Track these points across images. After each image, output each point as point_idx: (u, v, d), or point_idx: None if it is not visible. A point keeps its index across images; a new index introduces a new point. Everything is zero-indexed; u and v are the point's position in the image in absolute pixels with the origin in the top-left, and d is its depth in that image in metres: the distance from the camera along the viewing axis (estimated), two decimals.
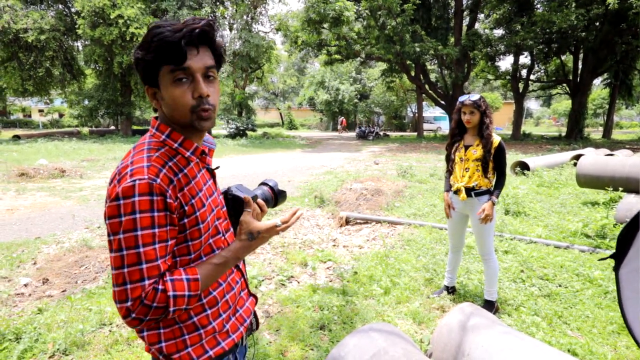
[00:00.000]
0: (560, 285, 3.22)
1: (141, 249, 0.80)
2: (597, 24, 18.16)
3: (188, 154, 0.92)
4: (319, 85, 35.79)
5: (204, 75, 0.88)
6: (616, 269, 1.26)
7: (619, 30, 17.74)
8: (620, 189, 5.06)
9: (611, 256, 1.27)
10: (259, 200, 1.08)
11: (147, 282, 0.80)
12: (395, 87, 30.15)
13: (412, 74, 22.65)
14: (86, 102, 22.54)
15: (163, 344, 0.92)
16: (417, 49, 18.36)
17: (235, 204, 1.05)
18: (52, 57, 19.55)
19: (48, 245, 4.26)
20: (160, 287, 0.81)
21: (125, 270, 0.80)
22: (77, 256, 3.80)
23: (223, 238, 1.01)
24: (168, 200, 0.83)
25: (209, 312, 0.96)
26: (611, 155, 8.53)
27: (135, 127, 25.01)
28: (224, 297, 1.00)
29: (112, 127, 27.38)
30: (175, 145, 0.90)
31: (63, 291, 3.16)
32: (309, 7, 18.39)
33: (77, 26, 17.72)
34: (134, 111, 23.55)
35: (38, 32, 17.73)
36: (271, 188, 1.14)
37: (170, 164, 0.87)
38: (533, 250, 3.93)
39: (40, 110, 41.32)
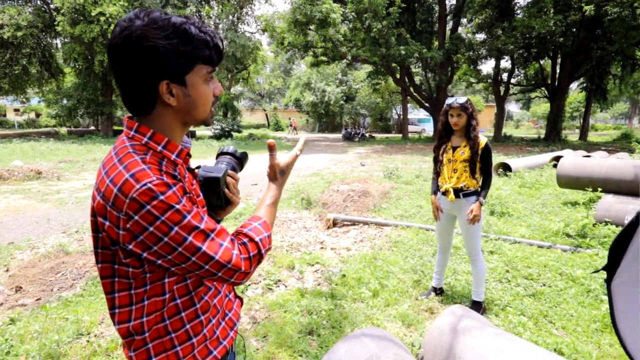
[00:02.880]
0: (544, 285, 3.26)
1: (202, 226, 0.81)
2: (574, 30, 18.72)
3: (173, 156, 0.87)
4: (305, 86, 35.77)
5: None
6: (608, 281, 1.24)
7: (594, 37, 18.35)
8: (599, 189, 5.19)
9: (603, 268, 1.25)
10: (230, 172, 1.08)
11: (226, 243, 0.84)
12: (380, 89, 30.39)
13: (397, 76, 22.87)
14: (65, 101, 21.85)
15: None
16: (402, 52, 18.54)
17: (209, 186, 1.02)
18: (29, 54, 18.87)
19: (22, 251, 4.07)
20: (245, 239, 0.90)
21: (204, 248, 0.80)
22: (53, 262, 3.64)
23: None
24: (183, 184, 0.83)
25: (202, 318, 0.91)
26: (589, 156, 8.78)
27: (116, 128, 24.40)
28: (213, 300, 0.96)
29: (92, 127, 26.59)
30: (159, 148, 0.84)
31: (38, 299, 3.01)
32: (295, 9, 18.33)
33: (56, 23, 17.16)
34: (116, 111, 22.92)
35: (15, 29, 17.09)
36: (232, 155, 1.14)
37: (164, 164, 0.83)
38: (517, 250, 3.98)
39: (16, 110, 39.85)
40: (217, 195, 1.03)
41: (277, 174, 1.10)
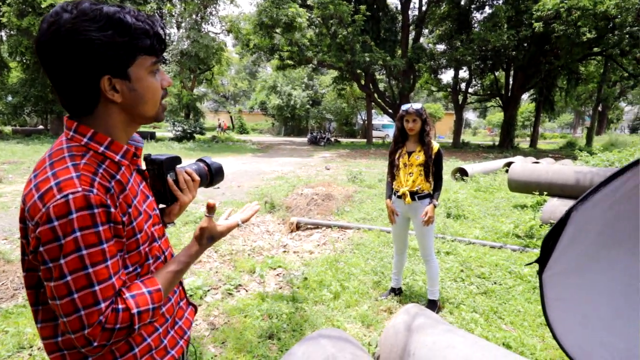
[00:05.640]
0: (495, 283, 3.44)
1: (90, 270, 0.71)
2: (525, 44, 20.05)
3: (118, 157, 0.82)
4: (271, 89, 35.55)
5: None
6: (540, 273, 1.35)
7: (543, 51, 19.75)
8: (545, 193, 5.58)
9: (536, 261, 1.35)
10: (188, 170, 1.03)
11: (103, 305, 0.72)
12: (346, 94, 30.83)
13: (362, 82, 23.32)
14: (9, 98, 20.28)
15: None
16: (367, 59, 18.96)
17: (153, 170, 0.98)
18: None
19: None
20: (120, 306, 0.75)
21: (76, 296, 0.70)
22: None
23: (158, 245, 0.93)
24: (111, 210, 0.75)
25: None
26: (537, 162, 9.40)
27: None
28: (161, 309, 0.92)
29: (41, 127, 24.81)
30: (102, 149, 0.80)
31: None
32: (261, 11, 18.21)
33: (0, 14, 15.94)
34: None
35: None
36: (205, 162, 1.11)
37: (101, 170, 0.77)
38: (472, 250, 4.18)
39: None
40: (161, 183, 0.98)
41: (204, 239, 0.94)
